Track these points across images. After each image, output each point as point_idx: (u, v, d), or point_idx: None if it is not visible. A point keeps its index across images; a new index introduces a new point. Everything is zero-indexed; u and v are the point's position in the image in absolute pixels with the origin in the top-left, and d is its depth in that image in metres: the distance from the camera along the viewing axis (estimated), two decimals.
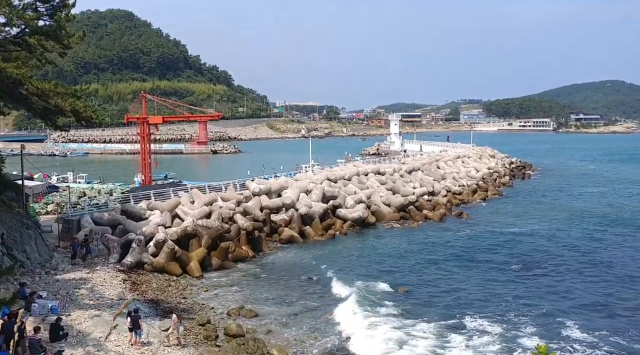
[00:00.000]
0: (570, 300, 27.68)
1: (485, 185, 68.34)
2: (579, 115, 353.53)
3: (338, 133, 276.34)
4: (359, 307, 26.49)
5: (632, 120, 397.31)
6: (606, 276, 31.98)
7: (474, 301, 27.58)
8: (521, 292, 29.08)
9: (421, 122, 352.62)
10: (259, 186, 44.38)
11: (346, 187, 51.28)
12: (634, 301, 27.53)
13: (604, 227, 46.10)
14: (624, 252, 37.68)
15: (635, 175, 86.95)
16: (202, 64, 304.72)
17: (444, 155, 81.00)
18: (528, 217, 50.77)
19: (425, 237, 42.60)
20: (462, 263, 35.00)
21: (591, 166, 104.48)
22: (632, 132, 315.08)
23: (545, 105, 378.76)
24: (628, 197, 63.45)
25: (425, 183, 59.97)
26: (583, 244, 40.19)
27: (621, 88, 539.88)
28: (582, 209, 55.10)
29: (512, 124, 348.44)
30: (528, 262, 34.86)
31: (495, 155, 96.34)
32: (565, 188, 71.95)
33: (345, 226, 44.82)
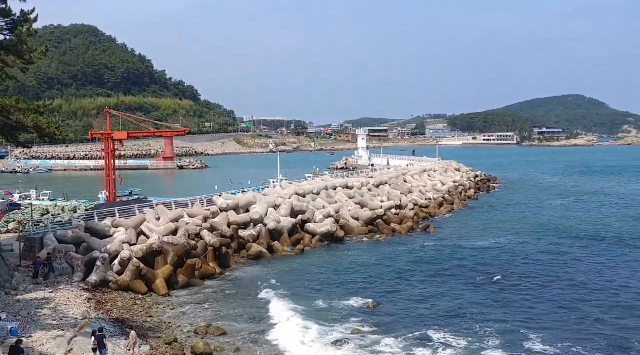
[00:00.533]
0: (535, 313, 28.10)
1: (451, 199, 69.25)
2: (541, 129, 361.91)
3: (306, 148, 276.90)
4: (328, 323, 26.47)
5: (593, 134, 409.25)
6: (570, 289, 32.58)
7: (441, 315, 27.81)
8: (487, 305, 29.43)
9: (388, 136, 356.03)
10: (227, 202, 44.10)
11: (315, 202, 51.34)
12: (596, 314, 28.04)
13: (567, 240, 47.07)
14: (588, 265, 38.47)
15: (597, 188, 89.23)
16: (167, 79, 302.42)
17: (411, 169, 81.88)
18: (494, 230, 51.56)
19: (394, 251, 42.84)
20: (430, 276, 35.29)
21: (554, 179, 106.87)
22: (593, 145, 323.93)
23: (508, 119, 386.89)
24: (590, 210, 64.99)
25: (392, 197, 60.45)
26: (548, 256, 40.95)
27: (582, 102, 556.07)
28: (546, 222, 56.21)
29: (477, 138, 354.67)
30: (494, 275, 35.30)
31: (460, 168, 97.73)
32: (529, 201, 73.38)
33: (314, 241, 44.80)
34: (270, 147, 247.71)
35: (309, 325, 26.06)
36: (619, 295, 30.97)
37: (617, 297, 30.62)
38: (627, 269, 36.72)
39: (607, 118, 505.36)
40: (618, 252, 41.66)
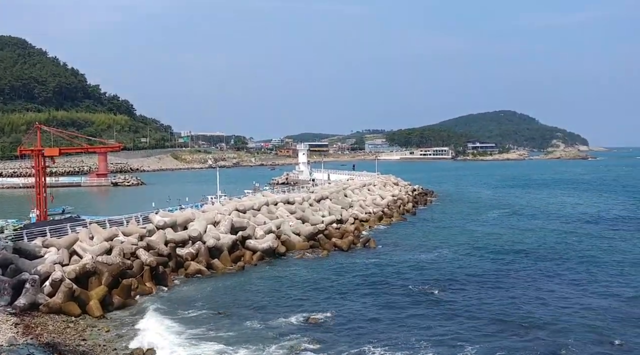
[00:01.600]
0: (473, 325, 28.60)
1: (390, 212, 70.25)
2: (475, 144, 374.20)
3: (246, 163, 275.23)
4: (270, 340, 26.13)
5: (524, 148, 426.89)
6: (506, 300, 33.43)
7: (382, 329, 27.98)
8: (426, 318, 29.79)
9: (328, 151, 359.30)
10: (164, 219, 43.02)
11: (255, 218, 50.85)
12: (532, 325, 28.84)
13: (503, 252, 48.42)
14: (523, 276, 39.63)
15: (529, 200, 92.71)
16: (102, 93, 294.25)
17: (351, 184, 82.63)
18: (432, 243, 52.54)
19: (335, 266, 42.90)
20: (371, 290, 35.47)
21: (488, 192, 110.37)
22: (524, 158, 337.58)
23: (444, 134, 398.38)
24: (524, 222, 67.34)
25: (333, 211, 60.73)
26: (484, 268, 41.98)
27: (513, 118, 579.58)
28: (482, 234, 57.78)
29: (414, 153, 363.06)
30: (433, 288, 35.85)
31: (398, 183, 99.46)
32: (465, 213, 75.35)
33: (255, 257, 44.27)
34: (209, 163, 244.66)
35: (251, 343, 25.62)
36: (554, 306, 32.01)
37: (551, 307, 31.63)
38: (560, 280, 38.06)
39: (537, 133, 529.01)
40: (551, 264, 43.14)
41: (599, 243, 51.05)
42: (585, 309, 30.79)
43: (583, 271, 39.98)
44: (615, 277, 38.00)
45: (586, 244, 50.48)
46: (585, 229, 60.02)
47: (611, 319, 28.99)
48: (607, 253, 46.31)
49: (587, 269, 40.68)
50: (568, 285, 36.10)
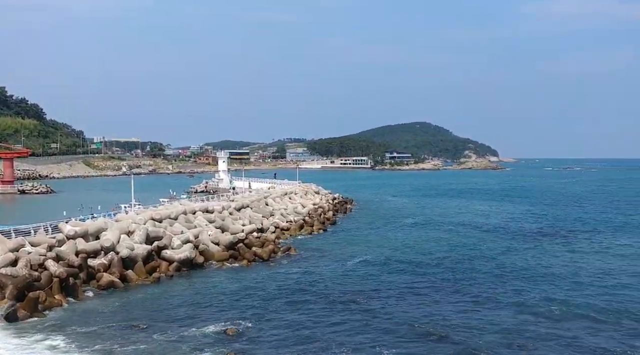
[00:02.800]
0: (390, 331, 28.99)
1: (311, 221, 70.47)
2: (393, 154, 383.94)
3: (163, 170, 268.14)
4: (186, 353, 25.27)
5: (438, 158, 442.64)
6: (423, 307, 34.20)
7: (301, 337, 27.76)
8: (346, 326, 29.88)
9: (249, 159, 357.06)
10: (75, 228, 40.87)
11: (172, 227, 49.39)
12: (447, 331, 29.62)
13: (419, 259, 49.67)
14: (440, 283, 40.72)
15: (442, 209, 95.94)
16: (8, 96, 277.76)
17: (272, 192, 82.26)
18: (352, 250, 53.07)
19: (255, 276, 42.34)
20: (291, 300, 35.22)
21: (405, 200, 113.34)
22: (438, 169, 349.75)
23: (363, 144, 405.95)
24: (439, 229, 69.48)
25: (254, 220, 60.10)
26: (402, 275, 42.86)
27: (428, 129, 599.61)
28: (399, 241, 59.08)
29: (334, 162, 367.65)
30: (353, 296, 36.11)
31: (319, 191, 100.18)
32: (383, 221, 76.86)
33: (171, 268, 42.89)
34: (124, 170, 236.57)
35: None
36: (468, 312, 33.04)
37: (465, 313, 32.63)
38: (473, 286, 39.38)
39: (450, 144, 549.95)
40: (465, 271, 44.62)
41: (509, 251, 53.43)
42: (495, 314, 31.98)
43: (494, 278, 41.60)
44: (525, 284, 39.79)
45: (497, 252, 52.70)
46: (496, 237, 62.70)
47: (520, 323, 30.28)
48: (517, 261, 48.51)
49: (498, 275, 42.40)
50: (480, 292, 37.37)
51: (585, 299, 34.81)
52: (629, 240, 58.96)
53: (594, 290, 37.40)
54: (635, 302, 34.33)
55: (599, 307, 32.90)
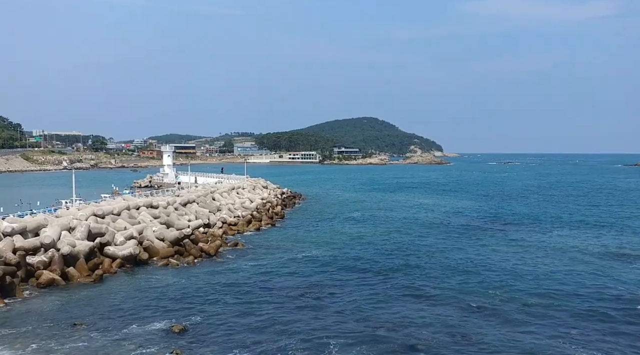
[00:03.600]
0: (337, 324, 29.30)
1: (260, 216, 70.08)
2: (341, 149, 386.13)
3: (106, 165, 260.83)
4: (129, 351, 24.69)
5: (385, 153, 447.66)
6: (369, 299, 34.63)
7: (248, 332, 27.65)
8: (295, 319, 29.97)
9: (195, 153, 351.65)
10: (12, 225, 39.21)
11: (115, 223, 48.10)
12: (393, 321, 30.12)
13: (365, 252, 50.26)
14: (383, 275, 41.33)
15: (389, 202, 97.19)
16: None
17: (219, 187, 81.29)
18: (299, 245, 53.14)
19: (201, 271, 41.79)
20: (239, 295, 34.96)
21: (353, 194, 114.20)
22: (385, 163, 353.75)
23: (311, 139, 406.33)
24: (385, 222, 70.30)
25: (200, 215, 59.24)
26: (349, 268, 43.22)
27: (375, 124, 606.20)
28: (347, 235, 59.56)
29: (283, 156, 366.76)
30: (300, 289, 36.20)
31: (268, 186, 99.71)
32: (331, 215, 77.24)
33: (114, 265, 41.79)
34: (64, 164, 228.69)
35: None
36: (412, 303, 33.65)
37: (409, 305, 33.22)
38: (417, 278, 40.12)
39: (397, 139, 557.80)
40: (411, 262, 45.43)
41: (453, 244, 54.70)
42: (439, 306, 32.74)
43: (439, 270, 42.51)
44: (467, 276, 40.82)
45: (441, 245, 53.88)
46: (441, 230, 64.05)
47: (463, 314, 31.09)
48: (460, 253, 49.71)
49: (442, 268, 43.34)
50: (426, 285, 38.11)
51: (522, 290, 36.08)
52: (566, 232, 61.32)
53: (530, 281, 38.75)
54: (566, 292, 35.83)
55: (535, 297, 34.18)
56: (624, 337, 27.44)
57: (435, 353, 25.15)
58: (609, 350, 25.67)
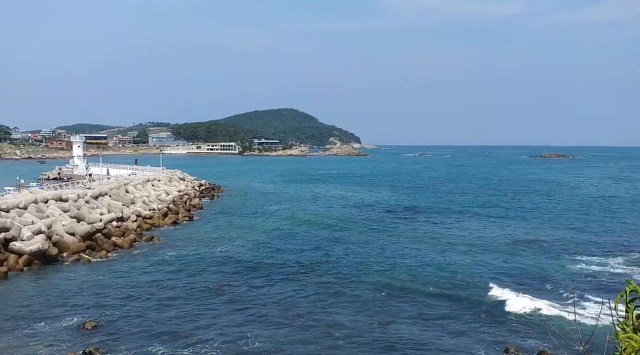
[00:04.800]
0: (257, 315, 29.48)
1: (176, 208, 68.69)
2: (261, 140, 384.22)
3: (10, 156, 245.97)
4: (38, 352, 23.64)
5: (305, 145, 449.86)
6: (290, 290, 34.96)
7: (165, 327, 27.23)
8: (212, 311, 29.83)
9: (108, 144, 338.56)
10: None
11: (21, 217, 45.63)
12: (312, 312, 30.60)
13: (285, 243, 50.58)
14: (304, 266, 41.80)
15: (310, 194, 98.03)
16: None
17: (133, 179, 78.86)
18: (218, 237, 52.67)
19: (115, 266, 40.56)
20: (154, 289, 34.27)
21: (273, 186, 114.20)
22: (305, 155, 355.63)
23: (230, 129, 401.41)
24: (304, 213, 70.91)
25: (113, 208, 57.30)
26: (269, 260, 43.37)
27: (295, 116, 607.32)
28: (266, 227, 59.64)
29: (201, 147, 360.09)
30: (219, 281, 36.00)
31: (185, 177, 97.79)
32: (251, 207, 76.97)
33: (21, 261, 39.69)
34: None
35: None
36: (332, 292, 34.29)
37: (329, 293, 33.85)
38: (338, 267, 40.88)
39: (316, 131, 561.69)
40: (331, 253, 46.19)
41: (371, 234, 56.07)
42: (358, 293, 33.60)
43: (357, 259, 43.53)
44: (384, 264, 42.06)
45: (360, 235, 55.11)
46: (359, 220, 65.44)
47: (380, 301, 32.08)
48: (378, 243, 51.08)
49: (360, 256, 44.39)
50: (344, 273, 38.94)
51: (429, 276, 37.66)
52: (475, 221, 64.36)
53: (436, 267, 40.48)
54: (475, 275, 37.77)
55: (443, 281, 35.81)
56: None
57: (355, 341, 25.79)
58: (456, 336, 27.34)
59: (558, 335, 25.21)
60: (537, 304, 31.13)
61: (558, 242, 50.49)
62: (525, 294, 33.09)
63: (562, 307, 30.32)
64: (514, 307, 30.73)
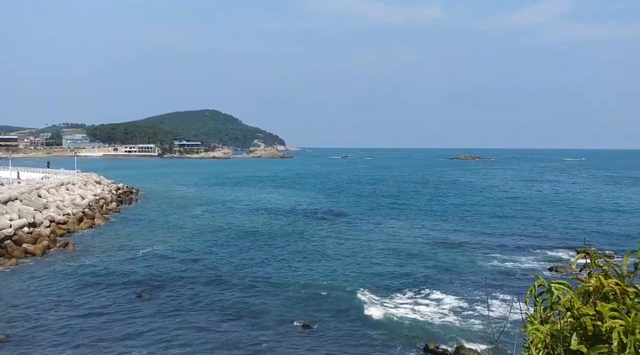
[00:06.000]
0: (178, 321, 28.89)
1: (92, 213, 66.05)
2: (182, 142, 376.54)
3: None
4: None
5: (229, 147, 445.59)
6: (212, 293, 34.49)
7: (79, 339, 26.13)
8: (131, 320, 28.92)
9: (18, 146, 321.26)
10: None
11: None
12: (237, 314, 30.34)
13: (206, 246, 49.78)
14: (227, 269, 41.36)
15: (232, 197, 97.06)
16: None
17: (46, 183, 75.09)
18: (136, 242, 51.12)
19: (27, 275, 38.42)
20: (71, 298, 32.81)
21: (194, 189, 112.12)
22: (229, 157, 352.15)
23: (150, 131, 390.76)
24: (227, 216, 70.12)
25: (24, 214, 54.26)
26: (190, 264, 42.56)
27: (218, 117, 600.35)
28: (187, 230, 58.49)
29: (118, 150, 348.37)
30: (138, 287, 34.92)
31: (101, 181, 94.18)
32: (171, 211, 75.26)
33: None
34: None
35: None
36: (255, 292, 34.13)
37: (251, 295, 33.68)
38: (259, 268, 40.74)
39: (240, 133, 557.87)
40: (252, 254, 45.96)
41: (290, 236, 56.25)
42: (285, 292, 33.63)
43: (278, 260, 43.55)
44: (303, 264, 42.35)
45: (281, 237, 55.14)
46: (281, 221, 65.51)
47: (302, 299, 32.27)
48: (297, 244, 51.32)
49: (280, 258, 44.46)
50: (266, 275, 38.85)
51: (350, 277, 38.37)
52: (395, 221, 66.02)
53: (357, 268, 41.30)
54: (388, 276, 38.81)
55: (359, 282, 36.57)
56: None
57: (280, 345, 25.81)
58: None
59: (473, 331, 26.35)
60: (453, 302, 32.39)
61: (473, 241, 52.68)
62: (442, 293, 34.32)
63: (476, 305, 31.67)
64: (431, 306, 31.78)
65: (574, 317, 3.72)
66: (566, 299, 3.85)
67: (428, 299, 32.95)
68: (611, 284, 3.80)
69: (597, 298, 3.78)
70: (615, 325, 3.41)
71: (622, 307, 3.69)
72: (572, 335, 3.61)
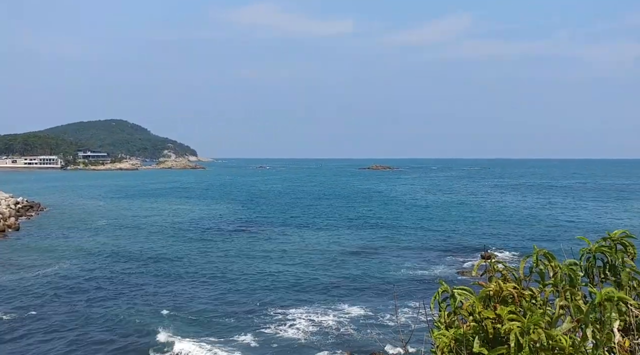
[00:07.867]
0: (72, 339, 27.58)
1: None
2: (87, 153, 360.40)
3: None
4: None
5: (137, 157, 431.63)
6: (112, 307, 33.19)
7: None
8: (22, 338, 27.25)
9: None
10: None
11: None
12: (142, 332, 29.34)
13: (112, 261, 47.88)
14: (133, 282, 39.92)
15: (138, 210, 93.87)
16: None
17: None
18: (34, 259, 48.31)
19: None
20: None
21: (99, 202, 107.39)
22: (137, 168, 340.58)
23: (52, 142, 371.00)
24: (132, 230, 67.74)
25: None
26: (94, 279, 40.76)
27: (125, 127, 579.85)
28: (91, 245, 55.95)
29: (17, 161, 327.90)
30: (34, 306, 32.97)
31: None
32: (74, 225, 71.67)
33: None
34: None
35: None
36: (165, 305, 33.17)
37: (161, 307, 32.70)
38: (169, 280, 39.64)
39: (149, 143, 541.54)
40: (161, 268, 44.66)
41: (200, 248, 55.30)
42: (216, 297, 32.91)
43: (189, 275, 42.63)
44: (213, 281, 41.72)
45: (193, 250, 54.07)
46: (192, 234, 64.19)
47: (193, 321, 31.73)
48: (207, 257, 50.55)
49: (191, 273, 43.55)
50: (175, 284, 37.89)
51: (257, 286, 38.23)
52: (306, 232, 66.46)
53: (261, 278, 41.26)
54: (298, 286, 39.06)
55: (259, 290, 36.54)
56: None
57: None
58: None
59: (383, 339, 26.92)
60: (363, 311, 32.98)
61: (384, 250, 53.96)
62: (352, 302, 34.89)
63: (386, 312, 32.39)
64: (341, 316, 32.16)
65: (476, 320, 3.88)
66: (468, 303, 4.01)
67: (338, 309, 33.33)
68: (509, 288, 4.00)
69: (497, 302, 3.97)
70: (512, 327, 3.59)
71: (519, 309, 3.89)
72: (474, 338, 3.76)
